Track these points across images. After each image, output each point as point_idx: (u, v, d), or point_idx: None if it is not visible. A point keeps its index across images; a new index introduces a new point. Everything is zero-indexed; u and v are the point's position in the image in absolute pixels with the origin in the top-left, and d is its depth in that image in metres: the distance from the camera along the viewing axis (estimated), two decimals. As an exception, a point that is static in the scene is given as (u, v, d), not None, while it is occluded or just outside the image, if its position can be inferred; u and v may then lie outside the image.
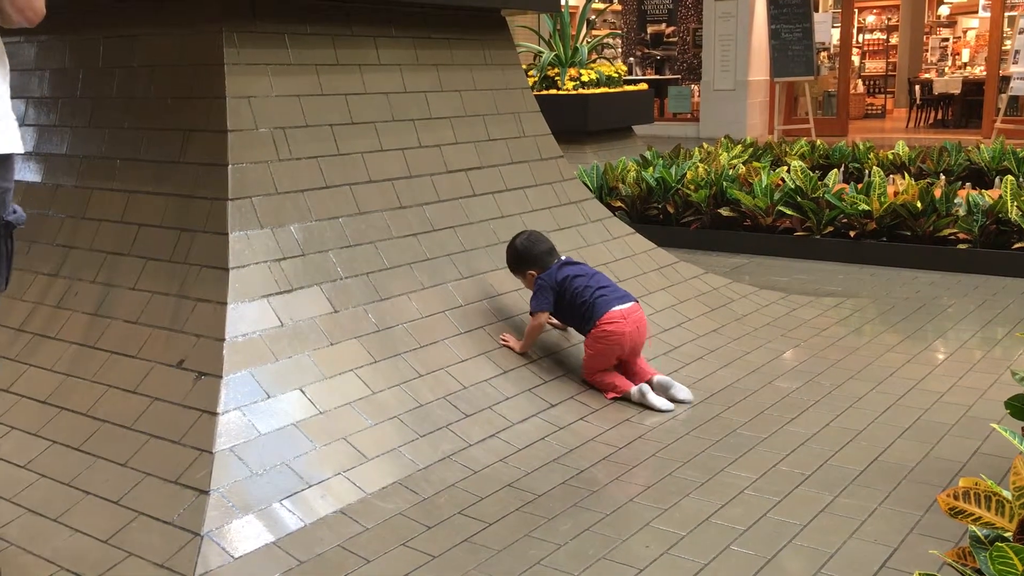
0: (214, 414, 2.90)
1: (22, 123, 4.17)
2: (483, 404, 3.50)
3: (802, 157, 9.01)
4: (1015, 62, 14.14)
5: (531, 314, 3.84)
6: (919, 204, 6.18)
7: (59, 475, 2.94)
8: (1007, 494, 1.92)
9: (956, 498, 1.93)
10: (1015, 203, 5.92)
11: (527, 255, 3.91)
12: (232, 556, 2.58)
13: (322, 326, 3.38)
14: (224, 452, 2.82)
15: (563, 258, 3.94)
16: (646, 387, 3.75)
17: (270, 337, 3.21)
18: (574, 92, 11.75)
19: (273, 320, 3.26)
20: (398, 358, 3.49)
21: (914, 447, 3.34)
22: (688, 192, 7.01)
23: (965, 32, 21.11)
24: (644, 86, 13.20)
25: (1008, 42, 14.81)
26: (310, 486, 2.87)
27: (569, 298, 3.81)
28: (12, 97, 4.19)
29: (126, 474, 2.86)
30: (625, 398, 3.76)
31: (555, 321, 4.07)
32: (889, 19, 21.40)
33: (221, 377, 2.99)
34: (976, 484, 1.93)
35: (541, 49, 12.68)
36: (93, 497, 2.81)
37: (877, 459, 3.24)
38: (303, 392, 3.14)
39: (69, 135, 3.96)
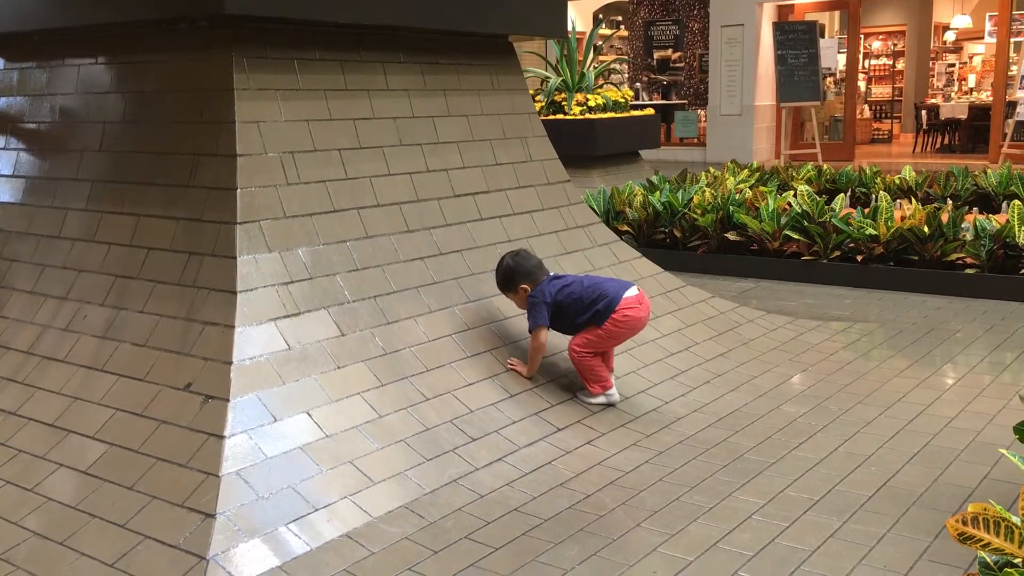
0: (221, 437, 2.91)
1: (33, 148, 4.21)
2: (490, 428, 3.50)
3: (809, 182, 9.03)
4: (1021, 87, 14.20)
5: (530, 332, 3.84)
6: (926, 229, 6.17)
7: (65, 498, 2.94)
8: (1016, 520, 1.91)
9: (965, 524, 1.92)
10: (1022, 228, 5.92)
11: (519, 269, 3.91)
12: (238, 580, 2.58)
13: (329, 350, 3.39)
14: (230, 476, 2.82)
15: (552, 274, 3.96)
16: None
17: (277, 360, 3.22)
18: (581, 117, 11.80)
19: (280, 343, 3.27)
20: (405, 382, 3.49)
21: (923, 472, 3.32)
22: (695, 216, 7.03)
23: (971, 58, 21.18)
24: (651, 111, 13.25)
25: (1014, 67, 14.86)
26: (316, 510, 2.87)
27: (570, 304, 3.82)
28: (25, 121, 4.26)
29: (132, 497, 2.86)
30: (607, 396, 3.87)
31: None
32: (895, 45, 21.48)
33: (228, 400, 3.00)
34: (985, 510, 1.93)
35: (548, 74, 12.76)
36: (99, 520, 2.81)
37: (886, 484, 3.23)
38: (310, 416, 3.14)
39: (79, 159, 3.99)
